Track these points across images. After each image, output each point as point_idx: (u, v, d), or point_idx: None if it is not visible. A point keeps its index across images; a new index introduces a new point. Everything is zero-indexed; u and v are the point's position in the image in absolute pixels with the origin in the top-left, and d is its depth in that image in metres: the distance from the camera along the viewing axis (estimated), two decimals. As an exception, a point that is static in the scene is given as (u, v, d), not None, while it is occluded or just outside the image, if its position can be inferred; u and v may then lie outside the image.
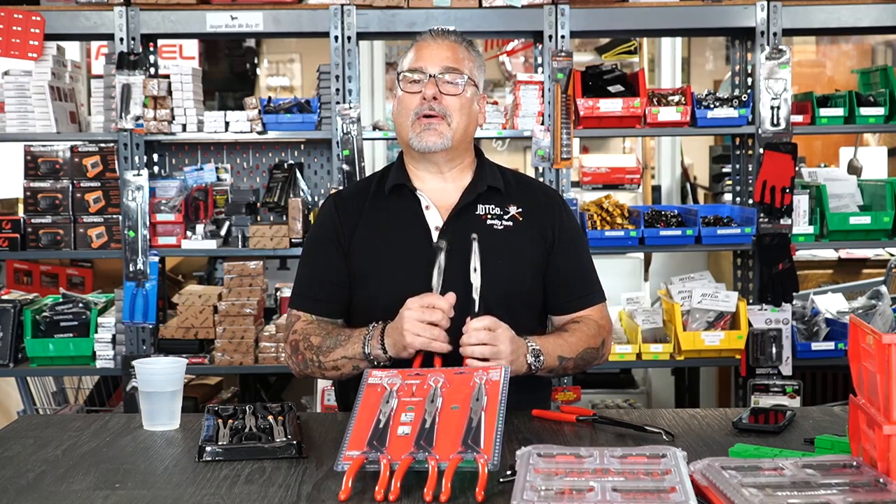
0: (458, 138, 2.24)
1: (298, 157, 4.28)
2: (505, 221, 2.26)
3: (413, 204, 2.27)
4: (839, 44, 8.45)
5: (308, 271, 2.32)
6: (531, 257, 2.26)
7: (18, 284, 4.61)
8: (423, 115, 2.21)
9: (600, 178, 5.69)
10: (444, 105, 2.21)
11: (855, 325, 1.64)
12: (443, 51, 2.24)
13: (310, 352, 2.20)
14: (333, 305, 2.27)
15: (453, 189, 2.28)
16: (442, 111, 2.21)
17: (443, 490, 1.59)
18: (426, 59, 2.24)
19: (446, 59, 2.24)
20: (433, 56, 2.24)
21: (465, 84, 2.24)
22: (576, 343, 2.22)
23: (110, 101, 3.89)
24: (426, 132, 2.21)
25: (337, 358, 2.16)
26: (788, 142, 3.86)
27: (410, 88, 2.24)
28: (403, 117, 2.25)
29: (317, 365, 2.19)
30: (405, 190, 2.28)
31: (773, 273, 3.87)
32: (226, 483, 1.72)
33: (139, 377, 2.08)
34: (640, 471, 1.58)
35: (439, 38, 2.27)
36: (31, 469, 1.82)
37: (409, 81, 2.24)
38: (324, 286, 2.27)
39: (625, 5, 3.93)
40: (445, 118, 2.21)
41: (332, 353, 2.16)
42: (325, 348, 2.18)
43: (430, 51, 2.25)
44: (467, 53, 2.27)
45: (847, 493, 1.47)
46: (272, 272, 4.79)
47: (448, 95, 2.22)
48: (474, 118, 2.29)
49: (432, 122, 2.21)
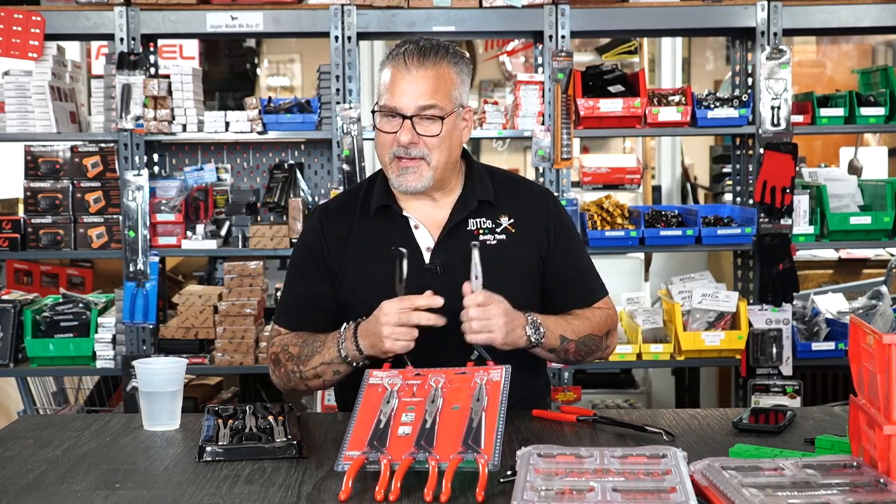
0: (440, 174, 2.14)
1: (298, 157, 4.28)
2: (498, 235, 2.19)
3: (401, 224, 2.20)
4: (839, 44, 8.45)
5: (293, 291, 2.26)
6: (527, 269, 2.21)
7: (18, 284, 4.61)
8: (400, 157, 2.11)
9: (600, 178, 5.69)
10: (421, 147, 2.10)
11: (855, 325, 1.64)
12: (418, 84, 2.08)
13: (291, 363, 2.16)
14: (315, 325, 2.20)
15: (443, 205, 2.21)
16: (420, 153, 2.10)
17: (443, 490, 1.58)
18: (400, 95, 2.08)
19: (422, 94, 2.08)
20: (408, 92, 2.08)
21: (446, 116, 2.10)
22: (579, 326, 2.19)
23: (110, 101, 3.89)
24: (406, 175, 2.11)
25: (316, 365, 2.12)
26: (789, 142, 3.86)
27: (385, 127, 2.11)
28: (381, 154, 2.14)
29: (298, 375, 2.15)
30: (392, 211, 2.20)
31: (773, 273, 3.87)
32: (226, 483, 1.72)
33: (139, 377, 2.08)
34: (641, 471, 1.58)
35: (414, 67, 2.08)
36: (31, 469, 1.82)
37: (383, 117, 2.11)
38: (306, 305, 2.22)
39: (625, 5, 3.93)
40: (425, 158, 2.11)
41: (311, 360, 2.13)
42: (304, 357, 2.14)
43: (404, 85, 2.08)
44: (447, 74, 2.11)
45: (847, 494, 1.47)
46: (272, 272, 4.78)
47: (426, 136, 2.09)
48: (458, 142, 2.17)
49: (410, 165, 2.11)
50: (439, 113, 2.10)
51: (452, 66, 2.13)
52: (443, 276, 2.13)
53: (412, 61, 2.10)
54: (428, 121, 2.10)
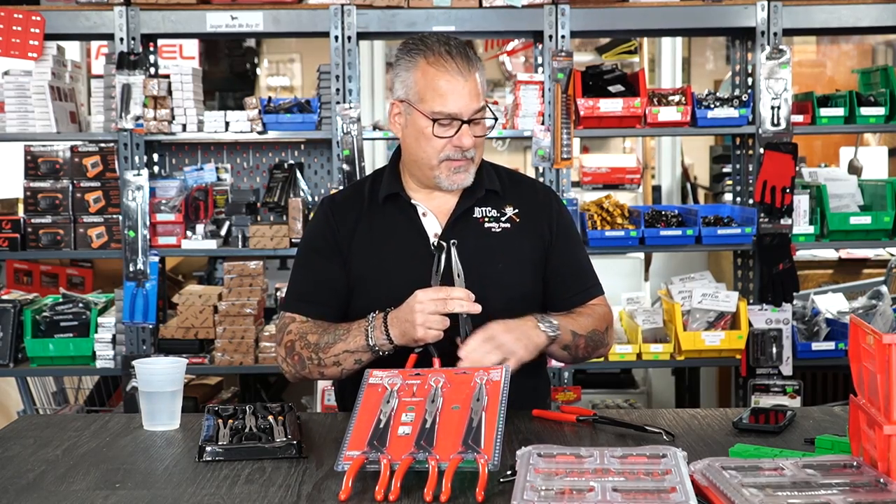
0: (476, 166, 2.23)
1: (298, 157, 4.28)
2: (502, 223, 2.25)
3: (409, 211, 2.24)
4: (839, 44, 8.45)
5: (304, 275, 2.28)
6: (530, 258, 2.26)
7: (18, 284, 4.61)
8: (453, 159, 2.17)
9: (600, 178, 5.70)
10: (473, 147, 2.18)
11: (855, 325, 1.63)
12: (470, 89, 2.15)
13: (307, 350, 2.17)
14: (330, 309, 2.23)
15: (450, 195, 2.26)
16: (471, 155, 2.19)
17: (443, 490, 1.58)
18: (457, 101, 2.14)
19: (475, 98, 2.16)
20: (463, 96, 2.14)
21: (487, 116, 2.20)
22: (584, 323, 2.22)
23: (110, 101, 3.89)
24: (458, 174, 2.19)
25: (338, 353, 2.13)
26: (789, 142, 3.86)
27: (442, 133, 2.15)
28: (429, 156, 2.18)
29: (316, 363, 2.16)
30: (400, 199, 2.25)
31: (773, 273, 3.87)
32: (226, 483, 1.72)
33: (139, 377, 2.08)
34: (641, 471, 1.58)
35: (465, 71, 2.15)
36: (31, 469, 1.82)
37: (438, 125, 2.15)
38: (320, 290, 2.24)
39: (625, 5, 3.93)
40: (472, 158, 2.19)
41: (332, 348, 2.13)
42: (325, 344, 2.15)
43: (459, 90, 2.14)
44: (479, 71, 2.19)
45: (847, 493, 1.47)
46: (272, 272, 4.79)
47: (478, 137, 2.19)
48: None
49: (462, 164, 2.18)
50: (486, 114, 2.20)
51: (479, 64, 2.21)
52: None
53: (462, 66, 2.15)
54: (479, 126, 2.19)
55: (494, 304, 2.10)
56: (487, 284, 2.13)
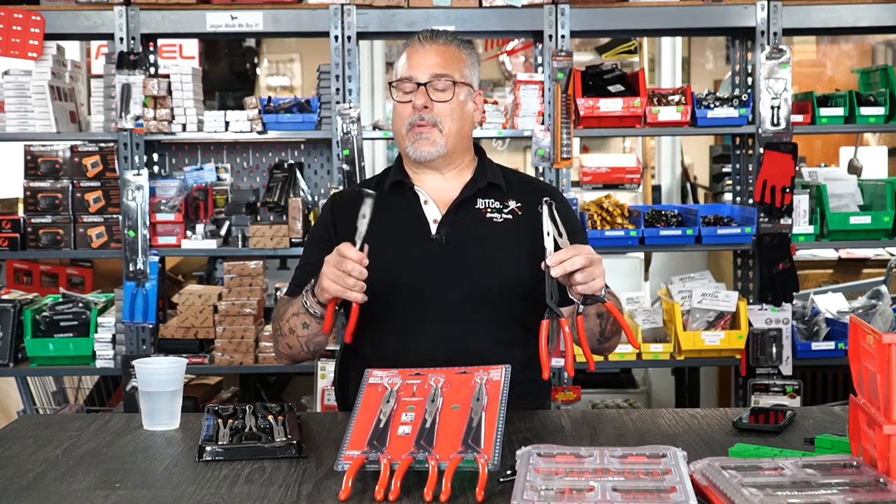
0: (452, 143, 2.26)
1: (298, 157, 4.28)
2: (504, 215, 2.28)
3: (412, 199, 2.30)
4: (839, 44, 8.45)
5: (302, 264, 2.36)
6: (531, 249, 2.24)
7: (18, 284, 4.61)
8: (415, 125, 2.23)
9: (600, 177, 5.69)
10: (434, 113, 2.23)
11: (855, 324, 1.64)
12: (431, 56, 2.25)
13: (275, 323, 2.26)
14: None
15: (453, 186, 2.30)
16: (433, 119, 2.23)
17: (443, 490, 1.58)
18: (415, 66, 2.25)
19: (434, 65, 2.24)
20: (422, 63, 2.24)
21: (457, 87, 2.24)
22: (615, 302, 2.22)
23: (110, 100, 3.89)
24: (419, 142, 2.24)
25: (289, 317, 2.20)
26: (788, 141, 3.86)
27: (402, 98, 2.26)
28: (398, 126, 2.28)
29: (279, 333, 2.24)
30: (404, 187, 2.31)
31: (773, 273, 3.87)
32: (226, 483, 1.72)
33: (139, 377, 2.08)
34: (641, 471, 1.58)
35: (427, 42, 2.27)
36: (31, 469, 1.82)
37: (400, 91, 2.26)
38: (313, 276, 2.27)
39: (625, 5, 3.93)
40: (437, 125, 2.23)
41: (285, 315, 2.21)
42: (281, 314, 2.24)
43: (418, 57, 2.25)
44: (458, 53, 2.28)
45: (847, 493, 1.47)
46: (272, 272, 4.79)
47: (438, 102, 2.23)
48: (469, 118, 2.30)
49: (423, 130, 2.23)
50: (451, 84, 2.24)
51: (462, 48, 2.30)
52: (447, 247, 2.22)
53: (426, 39, 2.28)
54: (440, 92, 2.24)
55: (489, 288, 2.18)
56: (483, 268, 2.20)
